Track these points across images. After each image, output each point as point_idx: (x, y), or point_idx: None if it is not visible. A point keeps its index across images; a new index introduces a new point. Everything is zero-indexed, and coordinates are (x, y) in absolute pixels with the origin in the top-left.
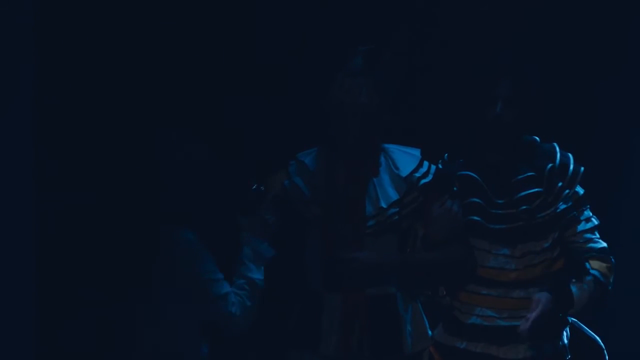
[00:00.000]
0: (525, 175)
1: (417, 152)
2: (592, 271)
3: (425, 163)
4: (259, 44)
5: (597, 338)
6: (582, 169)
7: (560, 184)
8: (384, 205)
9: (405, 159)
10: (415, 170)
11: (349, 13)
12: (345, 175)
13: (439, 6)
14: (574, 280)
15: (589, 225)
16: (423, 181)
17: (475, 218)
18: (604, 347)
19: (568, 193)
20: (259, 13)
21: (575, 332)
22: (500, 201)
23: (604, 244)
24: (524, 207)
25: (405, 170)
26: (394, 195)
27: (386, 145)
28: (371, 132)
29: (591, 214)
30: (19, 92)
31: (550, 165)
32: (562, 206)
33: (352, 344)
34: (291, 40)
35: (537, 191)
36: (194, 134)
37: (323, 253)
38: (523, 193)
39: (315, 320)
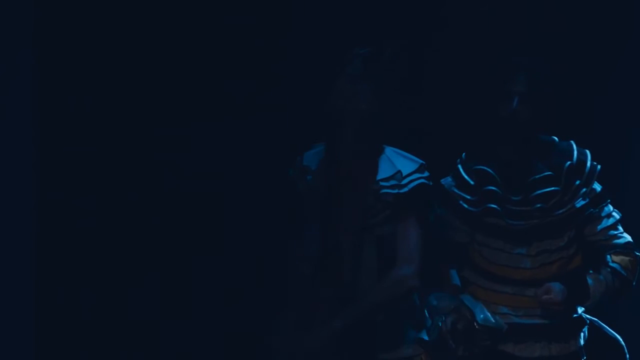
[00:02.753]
0: (543, 174)
1: (407, 164)
2: (611, 264)
3: (413, 177)
4: (259, 41)
5: (618, 337)
6: (599, 166)
7: (577, 182)
8: None
9: (385, 167)
10: (385, 179)
11: (349, 13)
12: (344, 179)
13: (444, 5)
14: (591, 271)
15: (611, 221)
16: (386, 191)
17: (493, 205)
18: (624, 346)
19: (585, 191)
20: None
21: (595, 331)
22: (515, 198)
23: (629, 238)
24: (539, 205)
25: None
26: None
27: (387, 149)
28: (372, 138)
29: (612, 208)
30: (19, 93)
31: (568, 163)
32: (580, 203)
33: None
34: (291, 40)
35: (553, 190)
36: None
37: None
38: (539, 191)
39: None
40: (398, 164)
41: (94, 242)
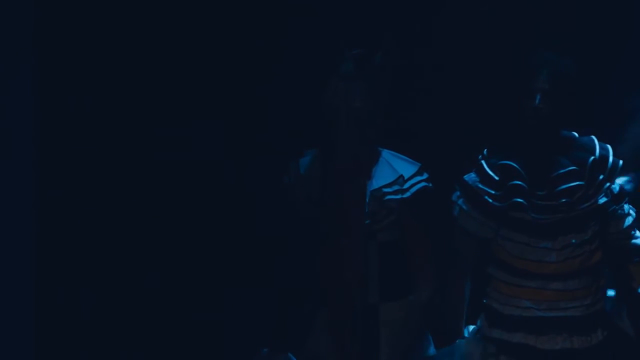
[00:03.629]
0: (568, 169)
1: (407, 168)
2: None
3: (413, 180)
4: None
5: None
6: (621, 162)
7: (601, 177)
8: None
9: (386, 172)
10: (387, 185)
11: (343, 13)
12: (341, 180)
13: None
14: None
15: (630, 220)
16: (390, 197)
17: (519, 200)
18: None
19: (608, 186)
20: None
21: (614, 325)
22: (540, 192)
23: None
24: (565, 199)
25: (376, 184)
26: (366, 206)
27: (384, 152)
28: (366, 136)
29: (629, 207)
30: (19, 92)
31: (592, 158)
32: (602, 199)
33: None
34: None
35: (578, 184)
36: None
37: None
38: (564, 186)
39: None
40: (398, 168)
41: (94, 241)
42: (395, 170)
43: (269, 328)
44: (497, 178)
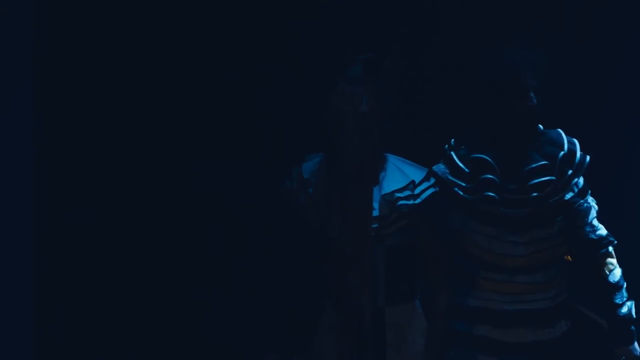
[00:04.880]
0: (539, 164)
1: (417, 173)
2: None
3: (423, 186)
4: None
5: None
6: (588, 157)
7: (570, 171)
8: None
9: (396, 176)
10: (399, 190)
11: (349, 16)
12: (347, 185)
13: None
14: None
15: (594, 212)
16: (402, 202)
17: (491, 194)
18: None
19: (576, 181)
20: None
21: (579, 315)
22: (511, 186)
23: (604, 230)
24: (536, 193)
25: (387, 188)
26: (375, 212)
27: (390, 158)
28: (372, 140)
29: (592, 199)
30: (19, 92)
31: (562, 153)
32: (569, 194)
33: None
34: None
35: (549, 179)
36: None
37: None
38: (536, 180)
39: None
40: (409, 173)
41: (94, 243)
42: (405, 175)
43: (274, 333)
44: (467, 170)
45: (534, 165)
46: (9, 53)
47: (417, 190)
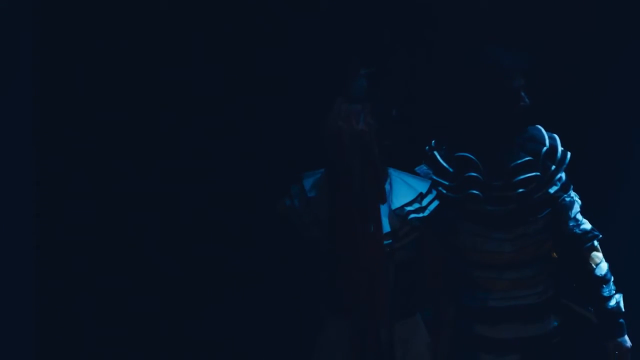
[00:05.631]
0: (524, 160)
1: (422, 185)
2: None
3: (429, 198)
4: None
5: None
6: (569, 153)
7: (553, 167)
8: None
9: (403, 190)
10: (409, 204)
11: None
12: (348, 203)
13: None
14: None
15: (578, 206)
16: (413, 215)
17: (475, 192)
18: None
19: (560, 176)
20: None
21: (568, 311)
22: (496, 183)
23: (589, 224)
24: (521, 190)
25: (397, 202)
26: (386, 227)
27: (393, 173)
28: (373, 159)
29: (574, 194)
30: (19, 91)
31: (545, 148)
32: (553, 189)
33: None
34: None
35: (535, 175)
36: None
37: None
38: (523, 176)
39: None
40: (415, 185)
41: (93, 242)
42: (412, 188)
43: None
44: (451, 170)
45: (519, 162)
46: (8, 53)
47: (424, 203)
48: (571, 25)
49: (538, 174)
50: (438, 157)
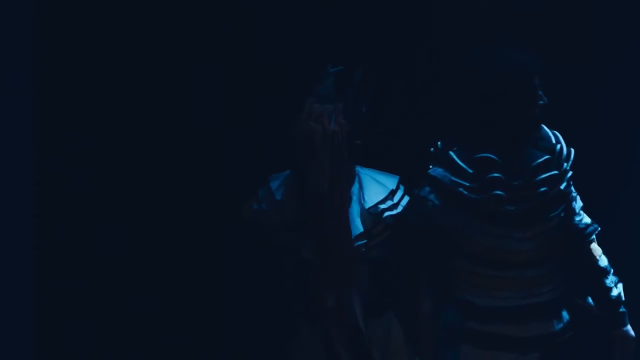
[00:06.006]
0: (544, 158)
1: (391, 181)
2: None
3: (399, 194)
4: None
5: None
6: (573, 150)
7: (565, 164)
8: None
9: (374, 188)
10: (382, 201)
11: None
12: (319, 204)
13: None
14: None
15: (579, 202)
16: (388, 213)
17: (499, 192)
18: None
19: (571, 175)
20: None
21: (575, 305)
22: (516, 183)
23: (588, 217)
24: (543, 188)
25: (370, 201)
26: (360, 227)
27: (361, 171)
28: (342, 159)
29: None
30: (19, 91)
31: (558, 146)
32: (563, 185)
33: None
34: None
35: (555, 173)
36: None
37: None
38: (544, 175)
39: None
40: (385, 182)
41: (93, 242)
42: (383, 185)
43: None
44: (471, 171)
45: (540, 161)
46: (9, 53)
47: (395, 199)
48: (571, 25)
49: (557, 172)
50: (456, 158)
